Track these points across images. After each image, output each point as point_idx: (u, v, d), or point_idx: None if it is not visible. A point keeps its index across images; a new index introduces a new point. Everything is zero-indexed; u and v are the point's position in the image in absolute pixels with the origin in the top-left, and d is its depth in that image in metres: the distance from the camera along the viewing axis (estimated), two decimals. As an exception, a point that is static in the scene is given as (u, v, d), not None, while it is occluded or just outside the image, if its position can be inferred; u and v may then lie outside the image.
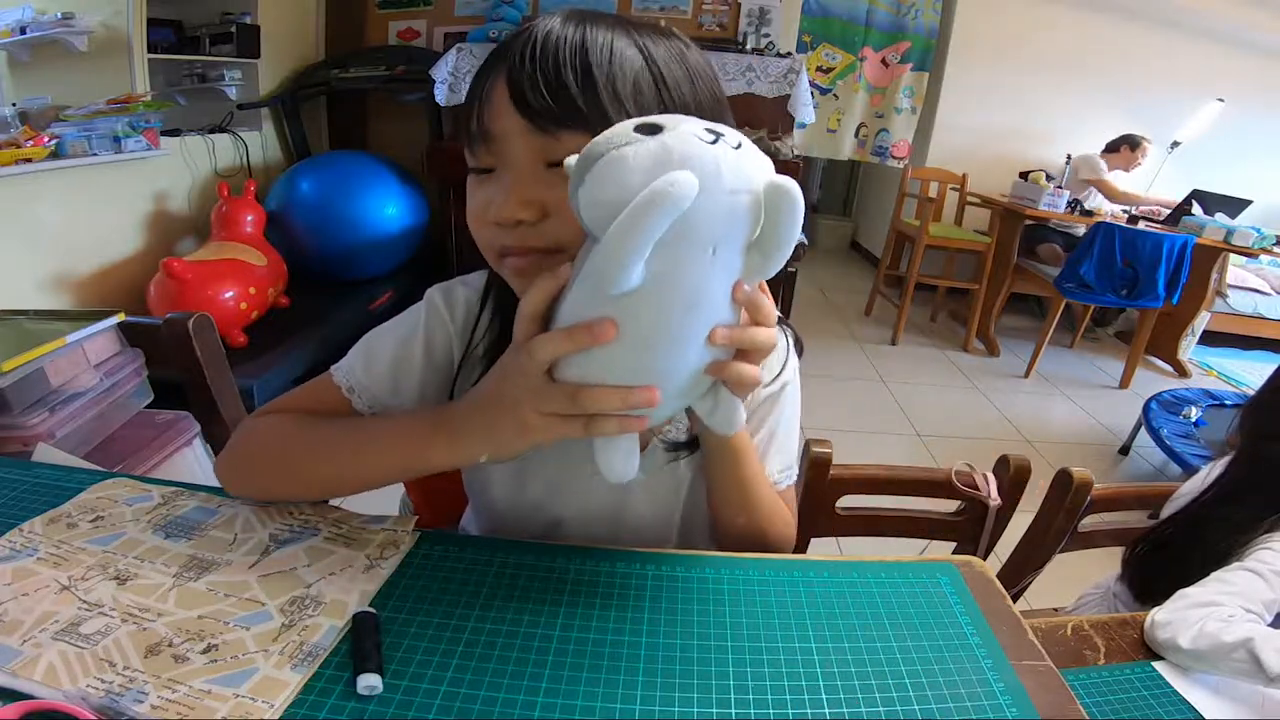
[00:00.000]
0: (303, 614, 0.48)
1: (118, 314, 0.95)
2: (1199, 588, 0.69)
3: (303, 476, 0.58)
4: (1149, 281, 2.85)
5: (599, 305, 0.39)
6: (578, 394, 0.41)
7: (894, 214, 3.66)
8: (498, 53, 0.51)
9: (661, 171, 0.36)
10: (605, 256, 0.37)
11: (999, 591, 0.56)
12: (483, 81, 0.51)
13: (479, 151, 0.52)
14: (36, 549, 0.53)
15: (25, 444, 0.79)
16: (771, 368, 0.64)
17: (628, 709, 0.43)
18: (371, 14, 3.44)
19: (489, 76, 0.50)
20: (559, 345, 0.41)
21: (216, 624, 0.47)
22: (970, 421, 2.69)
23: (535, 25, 0.49)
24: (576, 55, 0.47)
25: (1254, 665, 0.57)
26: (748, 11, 3.44)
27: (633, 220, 0.35)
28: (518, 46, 0.49)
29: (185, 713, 0.40)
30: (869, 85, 3.95)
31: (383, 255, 2.76)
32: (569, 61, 0.47)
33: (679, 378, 0.43)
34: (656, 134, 0.38)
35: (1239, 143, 3.88)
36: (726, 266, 0.40)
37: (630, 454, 0.46)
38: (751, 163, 0.39)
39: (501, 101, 0.49)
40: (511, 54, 0.49)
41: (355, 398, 0.60)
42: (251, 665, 0.43)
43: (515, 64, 0.48)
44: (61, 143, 1.98)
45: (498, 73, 0.49)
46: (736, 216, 0.39)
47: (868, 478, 0.88)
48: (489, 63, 0.51)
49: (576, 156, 0.40)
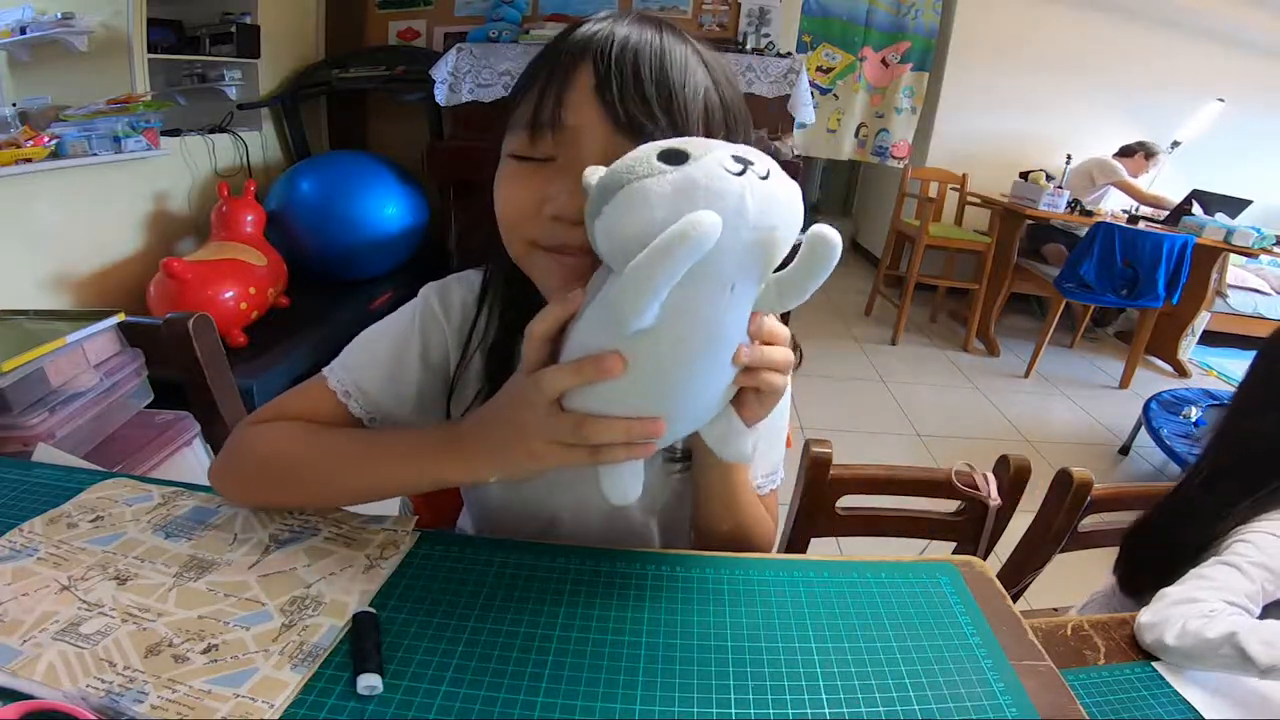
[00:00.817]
0: (303, 614, 0.48)
1: (118, 314, 0.95)
2: (1178, 586, 0.69)
3: (307, 490, 0.58)
4: (1149, 281, 2.85)
5: (610, 338, 0.38)
6: (583, 425, 0.41)
7: (894, 214, 3.65)
8: (574, 47, 0.49)
9: (685, 207, 0.34)
10: (620, 295, 0.36)
11: (999, 591, 0.56)
12: (551, 71, 0.49)
13: (541, 140, 0.49)
14: (36, 549, 0.53)
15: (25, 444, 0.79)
16: None
17: (627, 709, 0.43)
18: (371, 14, 3.44)
19: (566, 68, 0.48)
20: (566, 379, 0.40)
21: (216, 624, 0.47)
22: (970, 421, 2.69)
23: (608, 24, 0.49)
24: (659, 64, 0.48)
25: (1241, 659, 0.57)
26: (748, 11, 3.44)
27: (651, 262, 0.34)
28: (599, 44, 0.48)
29: (185, 713, 0.40)
30: (869, 85, 3.95)
31: (383, 255, 2.76)
32: (654, 70, 0.47)
33: (689, 408, 0.42)
34: (681, 163, 0.36)
35: (1239, 143, 3.88)
36: (743, 299, 0.40)
37: (635, 477, 0.46)
38: (779, 193, 0.38)
39: (584, 95, 0.47)
40: (594, 49, 0.48)
41: (352, 403, 0.60)
42: (251, 665, 0.43)
43: (600, 61, 0.47)
44: (61, 143, 1.98)
45: (580, 67, 0.48)
46: (758, 252, 0.37)
47: (868, 478, 0.88)
48: (559, 55, 0.49)
49: (596, 176, 0.39)
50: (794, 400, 0.70)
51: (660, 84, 0.47)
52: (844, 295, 4.14)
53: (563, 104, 0.48)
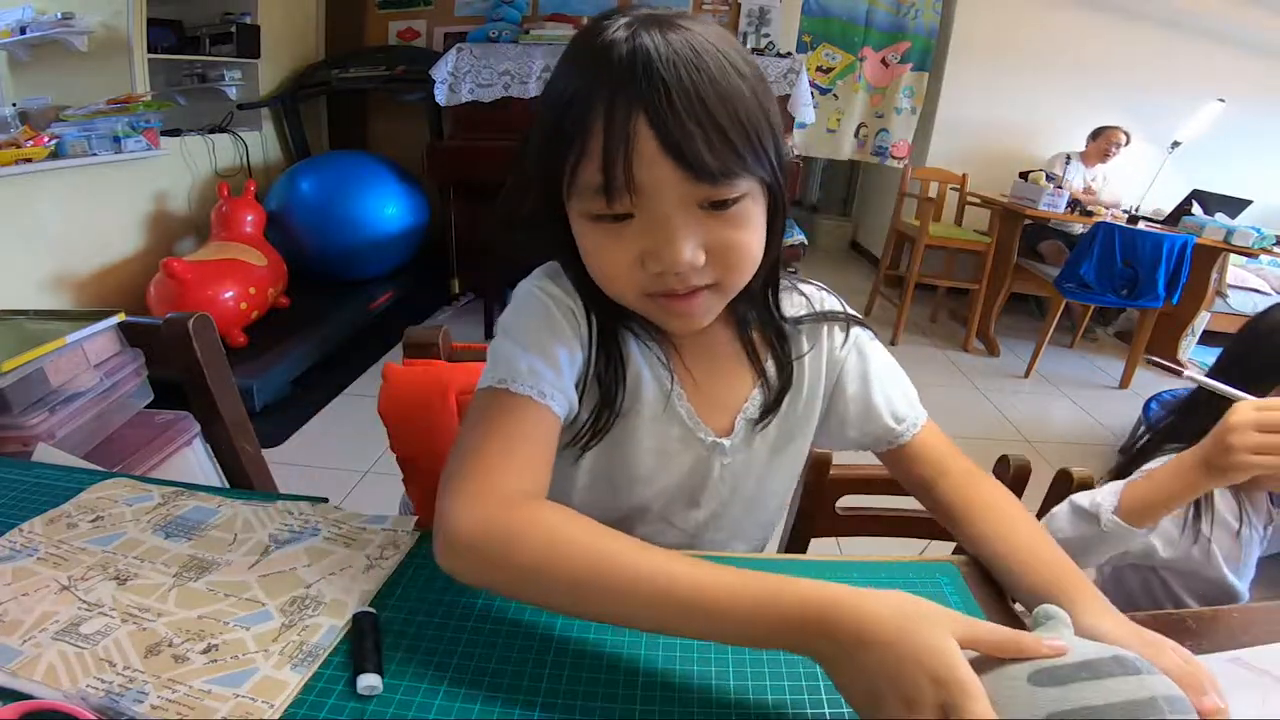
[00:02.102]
0: (303, 614, 0.48)
1: (118, 314, 0.95)
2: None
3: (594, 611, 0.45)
4: (1149, 281, 2.84)
5: None
6: None
7: (894, 214, 3.65)
8: (618, 87, 0.46)
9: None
10: None
11: (999, 591, 0.56)
12: (608, 126, 0.46)
13: (619, 201, 0.47)
14: (36, 549, 0.53)
15: (25, 444, 0.79)
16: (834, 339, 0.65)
17: (627, 709, 0.43)
18: (371, 14, 3.44)
19: (622, 123, 0.45)
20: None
21: (216, 624, 0.47)
22: (970, 421, 2.69)
23: (642, 41, 0.46)
24: (716, 98, 0.45)
25: (1083, 517, 0.69)
26: (748, 11, 3.44)
27: None
28: (647, 86, 0.45)
29: (185, 713, 0.40)
30: (869, 85, 3.95)
31: (383, 255, 2.77)
32: (714, 107, 0.45)
33: None
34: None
35: (1239, 143, 3.87)
36: None
37: None
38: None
39: (652, 154, 0.45)
40: (645, 97, 0.45)
41: (553, 403, 0.53)
42: (251, 665, 0.43)
43: (659, 112, 0.45)
44: (61, 143, 1.98)
45: (637, 118, 0.45)
46: None
47: (868, 477, 0.88)
48: (602, 92, 0.46)
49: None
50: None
51: (719, 125, 0.45)
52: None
53: (632, 164, 0.46)
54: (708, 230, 0.49)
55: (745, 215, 0.50)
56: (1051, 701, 0.35)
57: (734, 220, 0.49)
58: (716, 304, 0.54)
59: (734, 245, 0.50)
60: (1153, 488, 0.69)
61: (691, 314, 0.53)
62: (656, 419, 0.60)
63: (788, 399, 0.63)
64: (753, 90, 0.48)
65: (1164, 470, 0.69)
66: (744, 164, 0.47)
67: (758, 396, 0.62)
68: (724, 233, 0.49)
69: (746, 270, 0.52)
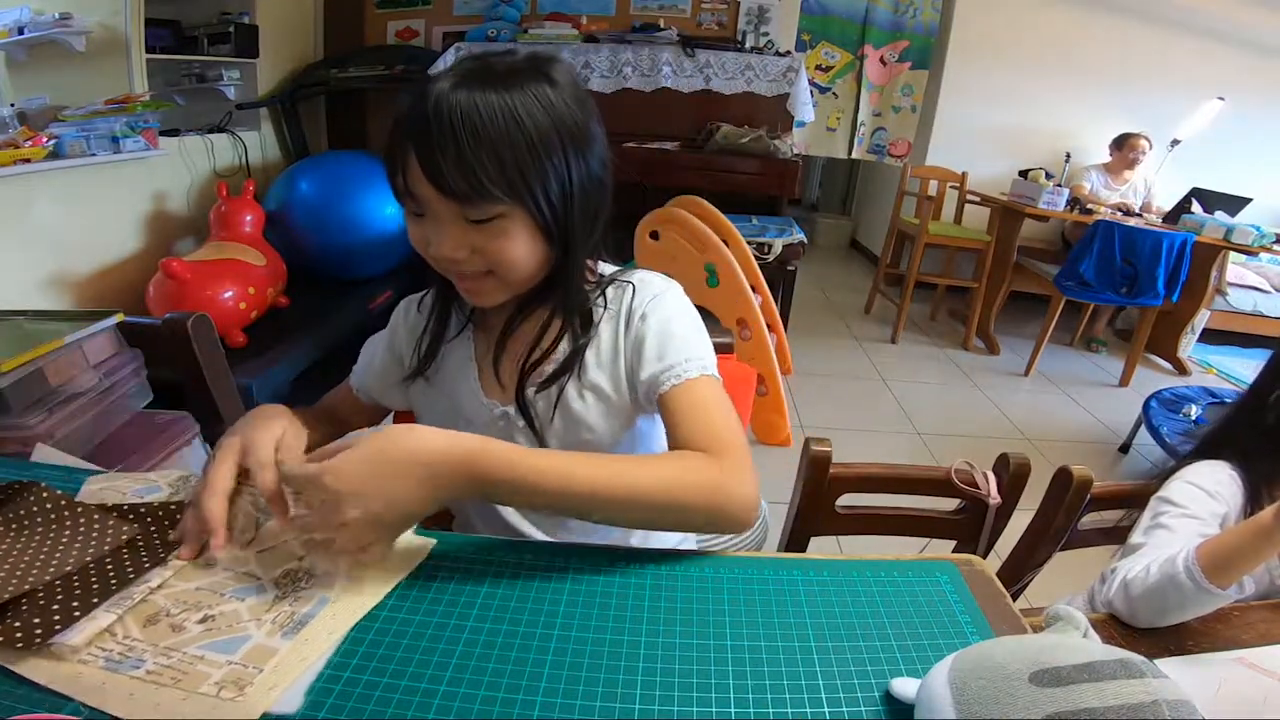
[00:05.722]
0: (296, 586, 0.50)
1: (117, 314, 0.94)
2: (1126, 561, 0.76)
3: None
4: (1149, 279, 2.84)
5: None
6: None
7: (893, 212, 3.65)
8: (405, 123, 0.59)
9: None
10: None
11: (999, 590, 0.56)
12: (394, 146, 0.59)
13: (407, 202, 0.62)
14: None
15: (24, 444, 0.79)
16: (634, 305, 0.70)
17: (627, 709, 0.43)
18: (370, 13, 3.43)
19: (401, 145, 0.59)
20: None
21: (213, 595, 0.49)
22: (970, 420, 2.69)
23: (431, 90, 0.58)
24: (471, 138, 0.56)
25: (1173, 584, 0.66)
26: (747, 10, 3.44)
27: None
28: (419, 119, 0.57)
29: (179, 678, 0.41)
30: (868, 84, 3.94)
31: (382, 255, 2.76)
32: (468, 146, 0.56)
33: None
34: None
35: (1239, 141, 3.87)
36: None
37: None
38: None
39: (415, 172, 0.58)
40: (415, 134, 0.57)
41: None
42: (244, 633, 0.45)
43: (420, 140, 0.57)
44: (60, 143, 1.97)
45: (407, 146, 0.58)
46: None
47: (867, 476, 0.88)
48: (398, 129, 0.59)
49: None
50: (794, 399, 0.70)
51: (467, 159, 0.56)
52: (844, 294, 4.14)
53: (405, 179, 0.59)
54: (471, 236, 0.60)
55: (504, 229, 0.60)
56: (1052, 702, 0.35)
57: (493, 232, 0.60)
58: (500, 289, 0.65)
59: (492, 251, 0.61)
60: (1233, 548, 0.66)
61: (476, 293, 0.66)
62: (456, 380, 0.73)
63: (590, 358, 0.69)
64: (533, 137, 0.58)
65: (1242, 531, 0.66)
66: (490, 191, 0.57)
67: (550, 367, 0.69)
68: (484, 241, 0.61)
69: (515, 270, 0.63)
